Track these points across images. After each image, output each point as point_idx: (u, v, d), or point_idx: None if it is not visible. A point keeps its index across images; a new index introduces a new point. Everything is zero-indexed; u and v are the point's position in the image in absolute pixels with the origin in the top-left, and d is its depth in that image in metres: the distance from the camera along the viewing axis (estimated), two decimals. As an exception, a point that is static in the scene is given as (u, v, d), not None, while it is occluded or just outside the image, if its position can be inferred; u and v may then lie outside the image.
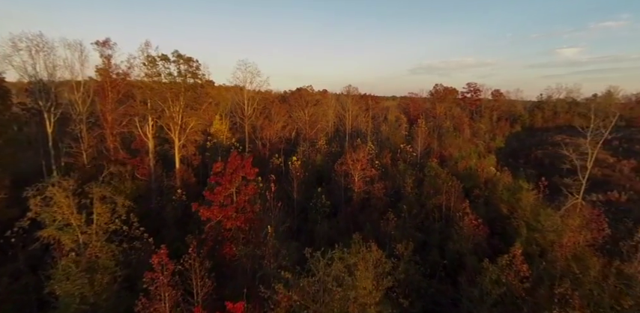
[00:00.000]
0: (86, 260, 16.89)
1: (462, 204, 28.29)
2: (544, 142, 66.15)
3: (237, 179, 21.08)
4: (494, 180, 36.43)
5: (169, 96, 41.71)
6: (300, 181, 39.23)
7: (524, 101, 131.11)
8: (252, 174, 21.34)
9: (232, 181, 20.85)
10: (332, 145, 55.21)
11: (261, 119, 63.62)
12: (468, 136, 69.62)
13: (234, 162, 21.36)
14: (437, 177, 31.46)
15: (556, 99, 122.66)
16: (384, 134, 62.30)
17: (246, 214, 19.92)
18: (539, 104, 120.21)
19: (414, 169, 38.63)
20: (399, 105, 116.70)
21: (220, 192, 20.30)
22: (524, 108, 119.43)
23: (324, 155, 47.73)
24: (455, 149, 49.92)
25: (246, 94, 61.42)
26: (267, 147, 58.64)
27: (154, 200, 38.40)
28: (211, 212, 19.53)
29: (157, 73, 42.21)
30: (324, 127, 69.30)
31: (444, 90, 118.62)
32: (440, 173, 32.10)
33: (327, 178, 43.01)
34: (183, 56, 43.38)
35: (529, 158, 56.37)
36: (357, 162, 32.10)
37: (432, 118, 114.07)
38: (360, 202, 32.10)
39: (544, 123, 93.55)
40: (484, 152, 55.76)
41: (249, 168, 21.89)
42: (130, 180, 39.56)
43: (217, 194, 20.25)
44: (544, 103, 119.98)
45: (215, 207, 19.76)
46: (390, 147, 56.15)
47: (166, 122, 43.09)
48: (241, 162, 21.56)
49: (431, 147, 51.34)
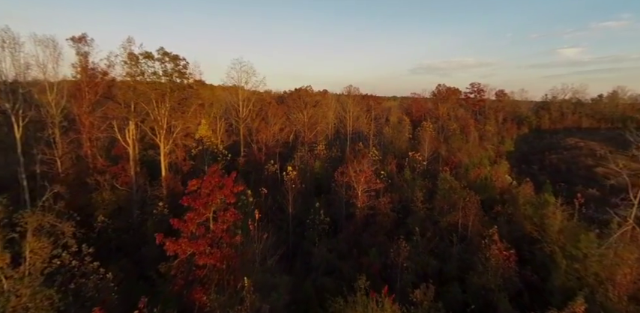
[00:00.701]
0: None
1: (482, 224, 23.98)
2: (556, 146, 61.78)
3: (215, 202, 16.77)
4: (513, 193, 32.07)
5: (153, 97, 37.43)
6: (296, 192, 34.98)
7: (527, 102, 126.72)
8: (233, 197, 17.00)
9: (208, 205, 16.55)
10: (332, 150, 50.90)
11: (258, 121, 59.30)
12: (474, 139, 65.20)
13: (211, 180, 17.04)
14: (451, 191, 27.16)
15: (561, 99, 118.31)
16: (387, 137, 57.95)
17: (223, 250, 15.59)
18: (544, 105, 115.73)
19: (423, 179, 34.28)
20: (401, 106, 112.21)
21: (192, 219, 16.00)
22: (529, 109, 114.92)
23: (323, 161, 43.40)
24: (464, 154, 45.57)
25: (240, 95, 57.10)
26: (262, 152, 54.32)
27: (135, 213, 34.20)
28: (179, 245, 15.22)
29: (140, 72, 37.90)
30: (323, 129, 64.95)
31: (446, 91, 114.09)
32: (455, 186, 27.75)
33: (327, 187, 38.73)
34: (169, 54, 39.03)
35: (543, 163, 51.97)
36: (361, 173, 27.77)
37: (434, 119, 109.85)
38: (363, 218, 27.79)
39: (551, 125, 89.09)
40: (494, 157, 51.37)
41: (230, 187, 17.57)
42: (110, 191, 35.38)
43: (189, 222, 15.95)
44: (549, 104, 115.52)
45: (184, 239, 15.46)
46: (395, 151, 51.81)
47: (151, 125, 38.83)
48: (220, 181, 17.25)
49: (438, 151, 46.95)
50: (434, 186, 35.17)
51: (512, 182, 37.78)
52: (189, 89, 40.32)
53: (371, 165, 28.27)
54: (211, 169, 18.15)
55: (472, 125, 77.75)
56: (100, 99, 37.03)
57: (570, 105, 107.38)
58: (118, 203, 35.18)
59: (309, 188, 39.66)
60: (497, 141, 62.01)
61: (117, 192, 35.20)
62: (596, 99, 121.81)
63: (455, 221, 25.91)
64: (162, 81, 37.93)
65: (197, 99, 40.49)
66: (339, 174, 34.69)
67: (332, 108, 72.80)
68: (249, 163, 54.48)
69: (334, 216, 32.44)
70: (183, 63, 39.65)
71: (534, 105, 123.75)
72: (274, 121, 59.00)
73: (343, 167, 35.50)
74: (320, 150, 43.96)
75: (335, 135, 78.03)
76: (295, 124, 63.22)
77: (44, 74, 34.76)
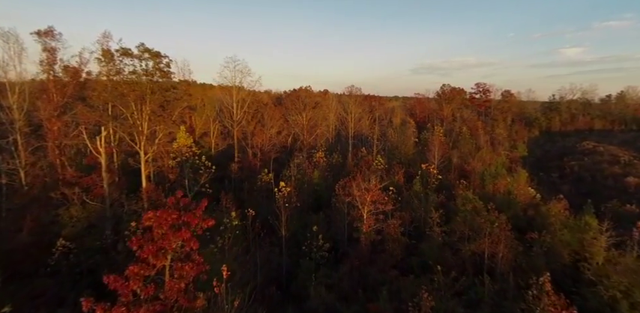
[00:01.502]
0: None
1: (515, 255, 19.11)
2: (572, 150, 56.80)
3: (172, 248, 12.00)
4: (542, 211, 27.17)
5: (132, 98, 32.65)
6: (292, 207, 30.22)
7: (532, 102, 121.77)
8: (195, 244, 12.19)
9: (161, 253, 11.78)
10: (333, 155, 46.04)
11: (253, 124, 54.50)
12: (484, 143, 60.25)
13: (167, 217, 12.26)
14: (475, 213, 22.31)
15: (569, 100, 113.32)
16: (392, 140, 53.06)
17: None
18: (551, 105, 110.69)
19: (436, 193, 29.40)
20: (404, 107, 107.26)
21: (136, 274, 11.22)
22: (535, 109, 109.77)
23: (323, 169, 38.56)
24: (478, 162, 40.68)
25: (235, 96, 52.27)
26: (258, 157, 49.54)
27: (107, 232, 29.53)
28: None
29: (117, 70, 33.13)
30: (324, 132, 60.08)
31: (451, 91, 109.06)
32: (479, 207, 22.88)
33: (327, 200, 33.94)
34: (151, 50, 34.18)
35: (563, 171, 47.00)
36: (367, 192, 22.90)
37: (438, 120, 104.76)
38: (369, 245, 22.96)
39: (562, 127, 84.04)
40: (508, 163, 46.44)
41: (195, 223, 12.81)
42: (79, 206, 30.71)
43: (131, 278, 11.17)
44: (556, 104, 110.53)
45: (121, 306, 10.67)
46: (400, 157, 46.93)
47: (129, 131, 34.09)
48: (180, 218, 12.46)
49: (449, 157, 41.98)
50: (447, 199, 30.38)
51: (536, 195, 32.88)
52: (173, 90, 35.54)
53: (378, 181, 23.39)
54: (170, 200, 13.35)
55: (481, 127, 72.82)
56: (69, 102, 32.27)
57: (579, 106, 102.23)
58: (89, 220, 30.55)
59: (307, 201, 34.85)
60: (509, 146, 57.13)
61: (88, 208, 30.53)
62: (604, 99, 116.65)
63: (480, 250, 21.10)
64: (142, 81, 33.19)
65: (183, 101, 35.73)
66: (340, 187, 29.93)
67: (333, 110, 67.89)
68: (244, 169, 49.74)
69: (335, 236, 27.65)
70: (166, 60, 34.80)
71: (540, 105, 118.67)
72: (271, 124, 54.17)
73: (345, 180, 30.69)
74: (319, 158, 39.11)
75: (336, 137, 73.14)
76: (294, 127, 58.39)
77: (4, 73, 30.06)
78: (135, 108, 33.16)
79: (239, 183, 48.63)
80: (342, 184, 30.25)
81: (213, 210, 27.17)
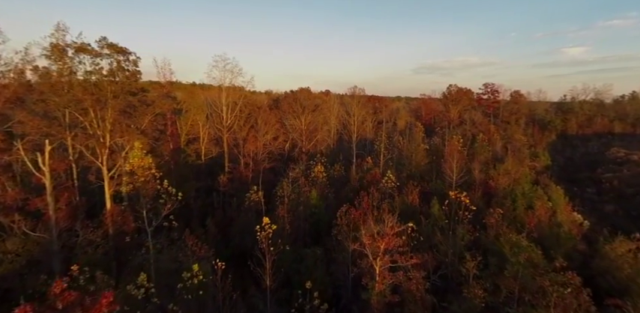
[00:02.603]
0: None
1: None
2: (601, 158, 49.79)
3: None
4: (604, 252, 20.38)
5: (89, 104, 26.16)
6: (284, 239, 23.68)
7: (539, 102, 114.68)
8: None
9: None
10: (334, 166, 39.35)
11: (246, 129, 47.94)
12: (501, 150, 53.36)
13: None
14: (532, 268, 15.63)
15: (581, 100, 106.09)
16: (399, 147, 46.30)
17: None
18: (562, 106, 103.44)
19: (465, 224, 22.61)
20: (408, 108, 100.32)
21: None
22: (546, 110, 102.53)
23: (322, 186, 31.89)
24: (504, 176, 33.88)
25: (224, 98, 45.64)
26: (250, 168, 42.91)
27: (56, 267, 23.27)
28: None
29: (69, 70, 26.60)
30: (324, 138, 53.40)
31: (457, 92, 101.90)
32: (536, 260, 16.18)
33: (327, 226, 27.39)
34: (115, 45, 27.64)
35: (600, 186, 39.91)
36: (381, 238, 16.16)
37: (446, 122, 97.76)
38: (383, 308, 16.31)
39: (579, 130, 76.89)
40: (534, 176, 39.58)
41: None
42: (20, 238, 24.39)
43: None
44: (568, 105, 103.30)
45: None
46: (411, 169, 40.19)
47: (85, 143, 27.59)
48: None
49: (469, 169, 35.11)
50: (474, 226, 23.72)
51: (583, 222, 26.12)
52: (141, 93, 28.99)
53: (395, 222, 16.64)
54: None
55: (495, 132, 65.90)
56: (9, 109, 25.78)
57: (593, 107, 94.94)
58: (33, 254, 24.20)
59: (303, 226, 28.25)
60: (530, 153, 50.27)
61: (32, 239, 24.17)
62: (617, 99, 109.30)
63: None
64: (102, 83, 26.65)
65: (157, 106, 29.15)
66: (343, 214, 23.36)
67: (334, 113, 61.19)
68: (234, 181, 43.15)
69: (337, 281, 21.08)
70: (133, 58, 28.26)
71: (550, 106, 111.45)
72: (265, 129, 47.53)
73: (347, 206, 24.12)
74: (318, 172, 32.39)
75: (338, 142, 66.43)
76: (291, 132, 51.73)
77: None
78: (94, 116, 26.68)
79: (229, 197, 42.15)
80: (344, 209, 23.69)
81: (176, 256, 20.63)
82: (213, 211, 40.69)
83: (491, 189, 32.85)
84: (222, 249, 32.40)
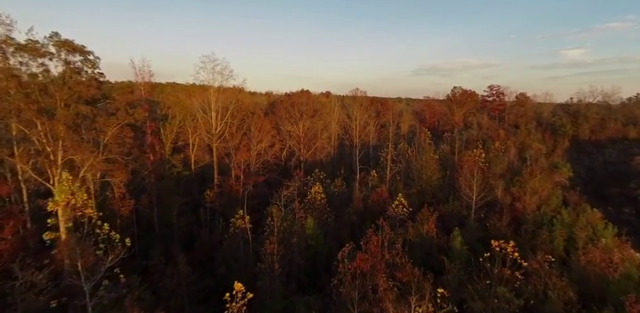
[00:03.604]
0: None
1: None
2: (628, 170, 44.00)
3: None
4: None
5: (32, 114, 20.65)
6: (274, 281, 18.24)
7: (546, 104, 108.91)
8: None
9: None
10: (334, 181, 33.71)
11: (238, 136, 42.39)
12: (513, 157, 47.75)
13: None
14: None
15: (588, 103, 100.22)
16: (408, 157, 40.64)
17: None
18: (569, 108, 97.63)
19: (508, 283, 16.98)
20: (412, 111, 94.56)
21: None
22: (553, 113, 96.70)
23: (320, 210, 26.29)
24: (532, 197, 28.26)
25: (213, 104, 40.02)
26: (241, 182, 37.30)
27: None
28: None
29: (10, 73, 21.04)
30: (324, 145, 47.78)
31: (462, 94, 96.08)
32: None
33: (326, 262, 21.95)
34: (68, 43, 22.07)
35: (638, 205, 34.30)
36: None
37: (449, 125, 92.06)
38: None
39: (592, 135, 71.05)
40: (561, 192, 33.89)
41: None
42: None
43: None
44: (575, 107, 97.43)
45: None
46: (422, 184, 34.56)
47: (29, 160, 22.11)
48: None
49: (490, 186, 29.43)
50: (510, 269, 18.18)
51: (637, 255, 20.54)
52: (102, 101, 23.46)
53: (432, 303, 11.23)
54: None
55: (506, 137, 60.24)
56: None
57: (602, 110, 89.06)
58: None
59: (298, 261, 22.74)
60: (548, 164, 44.57)
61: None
62: (624, 102, 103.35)
63: None
64: (49, 89, 21.14)
65: (122, 115, 23.56)
66: (345, 255, 17.90)
67: (335, 118, 55.62)
68: (223, 196, 37.62)
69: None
70: (93, 58, 22.68)
71: (554, 108, 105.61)
72: (259, 137, 41.94)
73: (349, 245, 18.63)
74: (316, 193, 26.67)
75: (338, 148, 60.84)
76: (288, 139, 46.12)
77: None
78: (42, 129, 21.16)
79: (218, 214, 36.67)
80: (346, 253, 18.21)
81: None
82: (199, 230, 35.29)
83: (518, 213, 27.22)
84: (207, 279, 27.14)
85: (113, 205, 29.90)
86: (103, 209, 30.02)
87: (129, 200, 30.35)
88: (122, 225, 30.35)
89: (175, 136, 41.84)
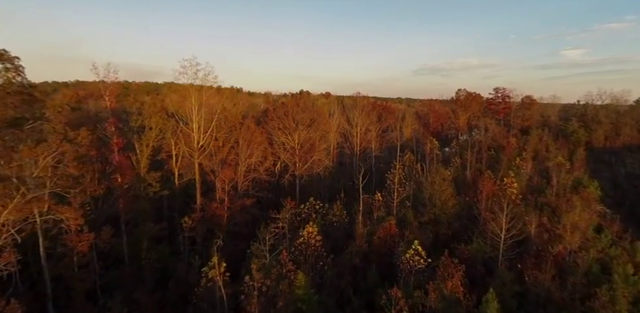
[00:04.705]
0: None
1: None
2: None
3: None
4: None
5: None
6: None
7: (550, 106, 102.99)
8: None
9: None
10: (333, 208, 27.83)
11: (226, 150, 36.55)
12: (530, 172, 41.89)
13: None
14: None
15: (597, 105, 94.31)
16: (418, 176, 34.80)
17: None
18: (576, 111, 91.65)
19: None
20: (416, 114, 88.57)
21: None
22: (560, 117, 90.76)
23: (314, 259, 20.46)
24: (574, 234, 22.48)
25: (195, 114, 34.05)
26: (225, 205, 31.41)
27: None
28: None
29: None
30: (322, 158, 41.87)
31: (466, 97, 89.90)
32: None
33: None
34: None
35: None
36: None
37: (453, 129, 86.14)
38: None
39: (606, 142, 65.12)
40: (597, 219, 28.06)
41: None
42: None
43: None
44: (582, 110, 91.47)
45: None
46: (435, 211, 28.72)
47: None
48: None
49: (518, 215, 23.55)
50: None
51: None
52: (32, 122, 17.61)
53: None
54: None
55: (516, 145, 54.50)
56: None
57: (612, 114, 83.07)
58: None
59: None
60: (572, 181, 38.68)
61: None
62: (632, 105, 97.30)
63: None
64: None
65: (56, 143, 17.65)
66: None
67: (334, 127, 49.77)
68: (205, 221, 31.73)
69: None
70: (16, 65, 16.71)
71: (559, 111, 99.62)
72: (249, 152, 36.07)
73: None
74: (309, 236, 20.76)
75: (338, 158, 54.99)
76: (282, 152, 40.21)
77: None
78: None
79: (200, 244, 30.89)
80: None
81: None
82: (176, 264, 29.50)
83: (561, 257, 21.40)
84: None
85: (67, 240, 24.15)
86: (54, 245, 24.45)
87: (86, 234, 24.59)
88: (80, 263, 24.75)
89: (155, 148, 35.91)
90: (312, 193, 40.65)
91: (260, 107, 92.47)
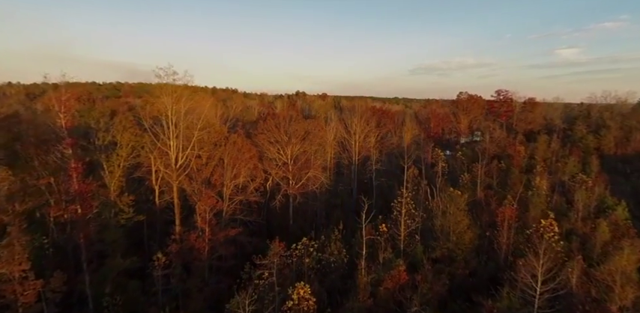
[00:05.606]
0: None
1: None
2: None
3: None
4: None
5: None
6: None
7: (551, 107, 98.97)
8: None
9: None
10: (330, 247, 23.20)
11: (209, 169, 31.78)
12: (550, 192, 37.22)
13: None
14: None
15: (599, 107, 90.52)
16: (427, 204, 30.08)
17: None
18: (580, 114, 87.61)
19: None
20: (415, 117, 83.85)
21: None
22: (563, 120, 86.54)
23: None
24: (625, 284, 18.15)
25: (172, 132, 29.18)
26: (205, 237, 26.67)
27: None
28: None
29: None
30: (317, 175, 37.09)
31: (468, 99, 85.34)
32: None
33: None
34: None
35: None
36: None
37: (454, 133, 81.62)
38: None
39: (617, 149, 60.82)
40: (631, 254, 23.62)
41: None
42: None
43: None
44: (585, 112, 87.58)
45: None
46: (449, 246, 24.13)
47: None
48: None
49: (554, 258, 18.99)
50: None
51: None
52: None
53: None
54: None
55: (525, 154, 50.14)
56: None
57: (616, 116, 79.09)
58: None
59: None
60: (595, 200, 34.16)
61: None
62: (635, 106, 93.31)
63: None
64: None
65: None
66: None
67: (331, 137, 45.06)
68: (182, 256, 26.76)
69: None
70: None
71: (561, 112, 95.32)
72: (234, 171, 31.27)
73: None
74: (301, 301, 16.18)
75: (335, 169, 50.29)
76: (273, 169, 35.40)
77: None
78: None
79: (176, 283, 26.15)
80: None
81: None
82: (148, 309, 24.80)
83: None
84: None
85: (6, 291, 19.40)
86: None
87: (32, 282, 19.83)
88: (27, 316, 20.02)
89: (130, 167, 31.04)
90: (307, 216, 36.06)
91: (254, 110, 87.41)
